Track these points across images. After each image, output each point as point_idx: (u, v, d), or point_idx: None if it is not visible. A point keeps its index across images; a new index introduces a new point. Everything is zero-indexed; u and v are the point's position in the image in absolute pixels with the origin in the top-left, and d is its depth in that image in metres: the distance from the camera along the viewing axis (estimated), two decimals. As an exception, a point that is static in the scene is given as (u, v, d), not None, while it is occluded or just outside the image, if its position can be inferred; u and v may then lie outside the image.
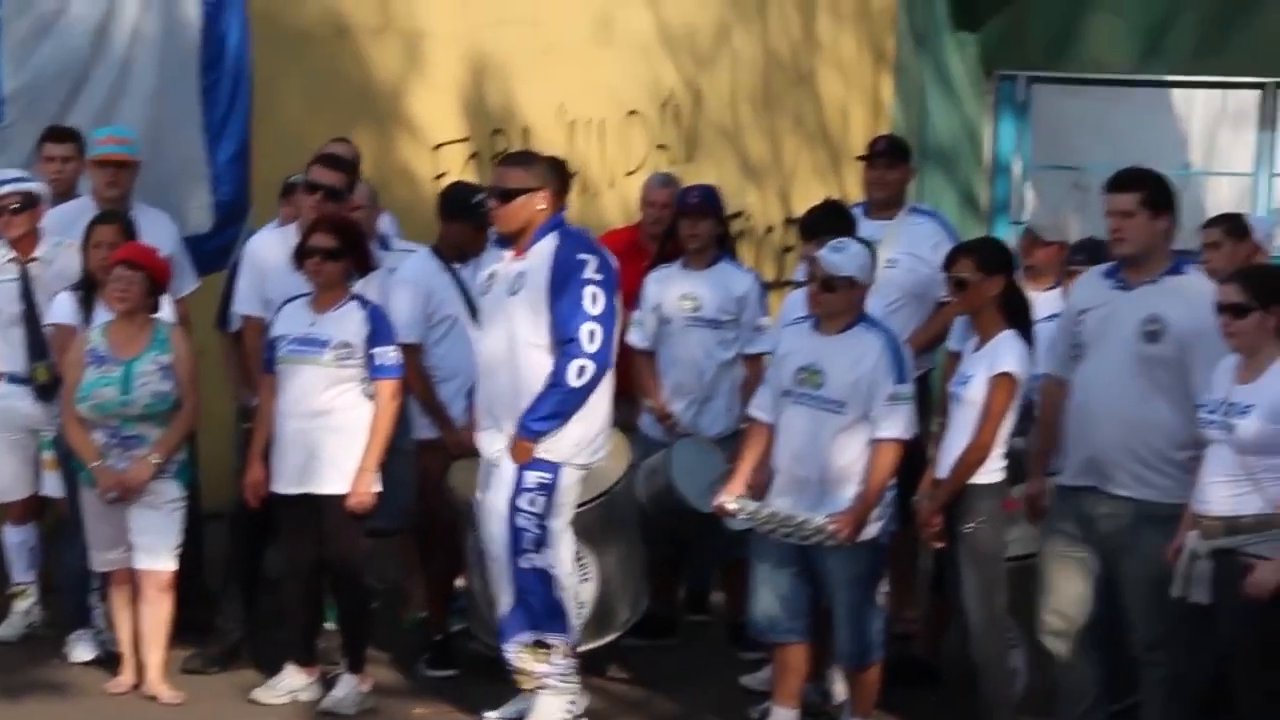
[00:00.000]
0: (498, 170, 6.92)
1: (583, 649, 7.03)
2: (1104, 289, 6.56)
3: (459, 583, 7.72)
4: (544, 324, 6.72)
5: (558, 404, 6.69)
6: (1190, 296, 6.42)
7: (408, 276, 7.76)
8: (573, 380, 6.67)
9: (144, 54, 9.04)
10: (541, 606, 6.79)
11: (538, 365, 6.73)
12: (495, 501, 6.79)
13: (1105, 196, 6.53)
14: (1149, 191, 6.45)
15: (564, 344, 6.67)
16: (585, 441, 6.81)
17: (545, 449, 6.73)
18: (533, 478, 6.75)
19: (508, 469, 6.77)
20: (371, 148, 8.91)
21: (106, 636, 7.56)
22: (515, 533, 6.76)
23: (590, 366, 6.68)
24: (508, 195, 6.76)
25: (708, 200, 8.12)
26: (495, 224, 6.85)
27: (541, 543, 6.77)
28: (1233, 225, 7.61)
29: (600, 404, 6.82)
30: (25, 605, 8.03)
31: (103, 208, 7.92)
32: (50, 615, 7.98)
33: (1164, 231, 6.49)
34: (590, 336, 6.68)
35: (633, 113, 10.99)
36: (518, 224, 6.78)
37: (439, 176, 10.12)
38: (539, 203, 6.77)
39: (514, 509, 6.75)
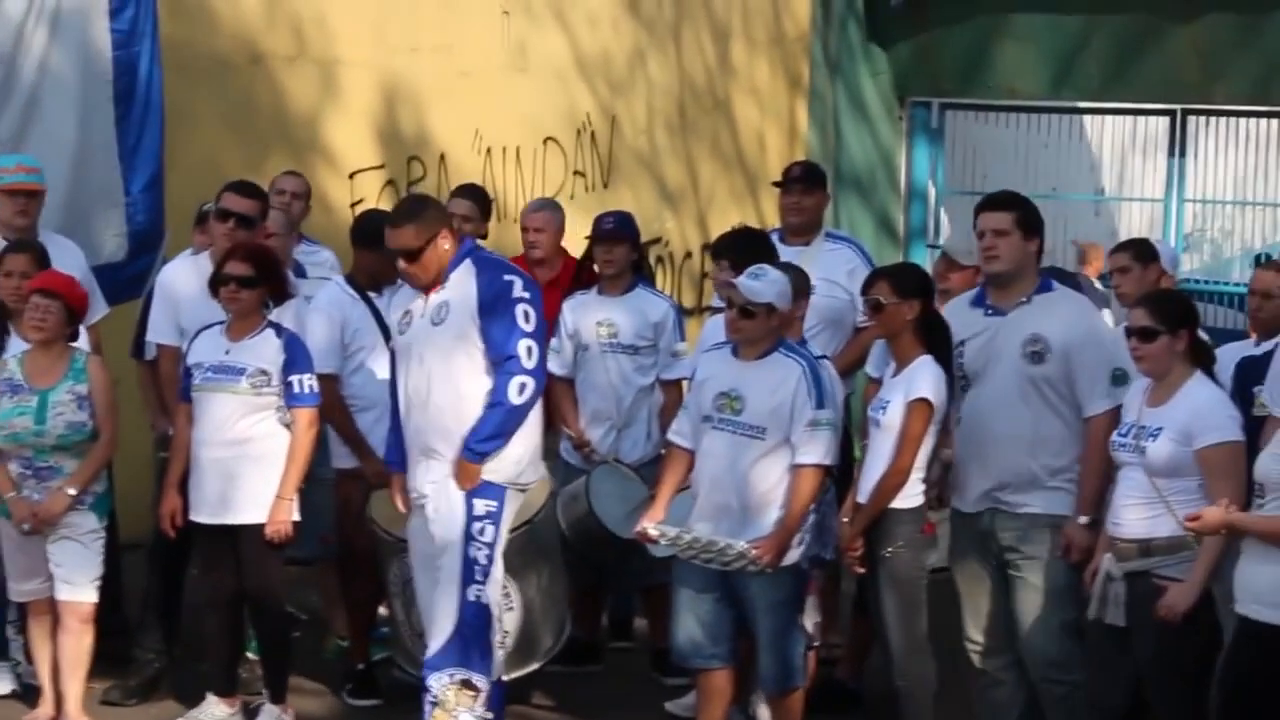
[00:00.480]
0: (390, 234, 6.81)
1: (507, 677, 7.01)
2: (976, 317, 6.69)
3: (381, 611, 7.69)
4: (475, 349, 6.72)
5: (501, 423, 6.68)
6: (1064, 312, 6.61)
7: (322, 306, 7.73)
8: (514, 398, 6.67)
9: (54, 83, 8.99)
10: (477, 642, 6.75)
11: (473, 390, 6.72)
12: (446, 533, 6.75)
13: (979, 217, 6.67)
14: (1022, 213, 6.63)
15: (503, 362, 6.68)
16: (525, 460, 6.83)
17: (489, 470, 6.72)
18: (481, 505, 6.74)
19: (456, 499, 6.74)
20: (288, 176, 8.89)
21: (25, 669, 7.49)
22: (468, 564, 6.74)
23: (530, 383, 6.70)
24: (413, 255, 6.75)
25: (622, 226, 8.15)
26: (412, 283, 6.83)
27: (488, 573, 6.76)
28: (1140, 250, 7.72)
29: (536, 420, 6.86)
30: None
31: (11, 237, 7.86)
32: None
33: (1034, 254, 6.65)
34: (528, 353, 6.70)
35: (549, 139, 11.01)
36: (432, 274, 6.79)
37: (355, 204, 10.11)
38: (444, 244, 6.77)
39: (468, 538, 6.74)
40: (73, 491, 7.09)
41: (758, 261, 6.98)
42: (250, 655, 7.42)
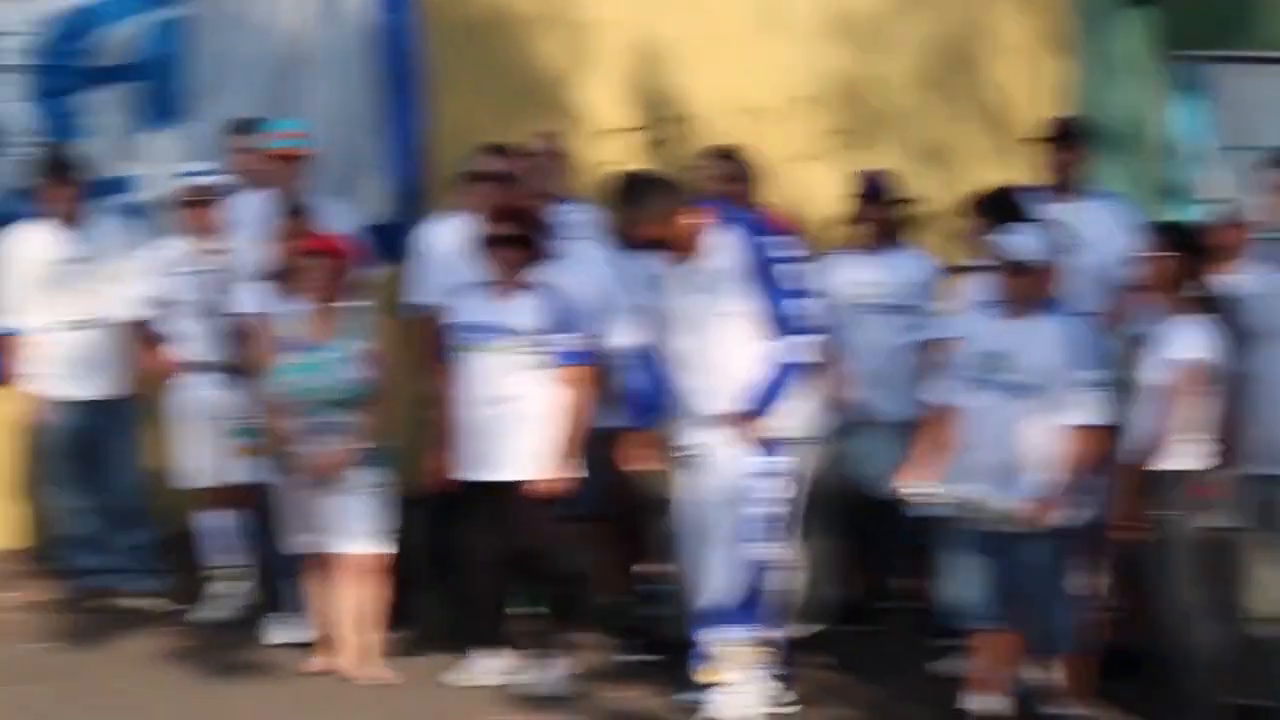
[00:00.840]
0: (640, 230, 6.90)
1: (781, 636, 7.06)
2: (1266, 275, 6.52)
3: (656, 568, 7.77)
4: (742, 312, 6.81)
5: (778, 383, 6.79)
6: None
7: (581, 265, 7.81)
8: (789, 357, 6.80)
9: (319, 50, 9.25)
10: (755, 600, 6.86)
11: (743, 352, 6.80)
12: (723, 491, 6.84)
13: (1271, 172, 6.48)
14: None
15: (777, 324, 6.78)
16: (803, 416, 6.94)
17: (768, 428, 6.81)
18: (760, 463, 6.83)
19: (733, 457, 6.83)
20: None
21: (306, 619, 7.67)
22: (747, 521, 6.82)
23: (807, 341, 6.83)
24: (662, 242, 6.85)
25: (880, 185, 8.15)
26: (685, 259, 6.89)
27: (767, 530, 6.84)
28: None
29: (812, 377, 6.95)
30: (226, 589, 8.23)
31: (284, 199, 8.08)
32: (251, 598, 8.16)
33: None
34: (799, 311, 6.81)
35: (801, 98, 10.97)
36: (688, 247, 6.87)
37: (608, 165, 10.16)
38: (688, 219, 6.85)
39: (743, 497, 6.82)
40: (351, 446, 7.28)
41: (1014, 220, 6.95)
42: (527, 609, 7.54)
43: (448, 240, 8.01)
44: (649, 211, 6.85)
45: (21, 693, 7.35)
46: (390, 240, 8.91)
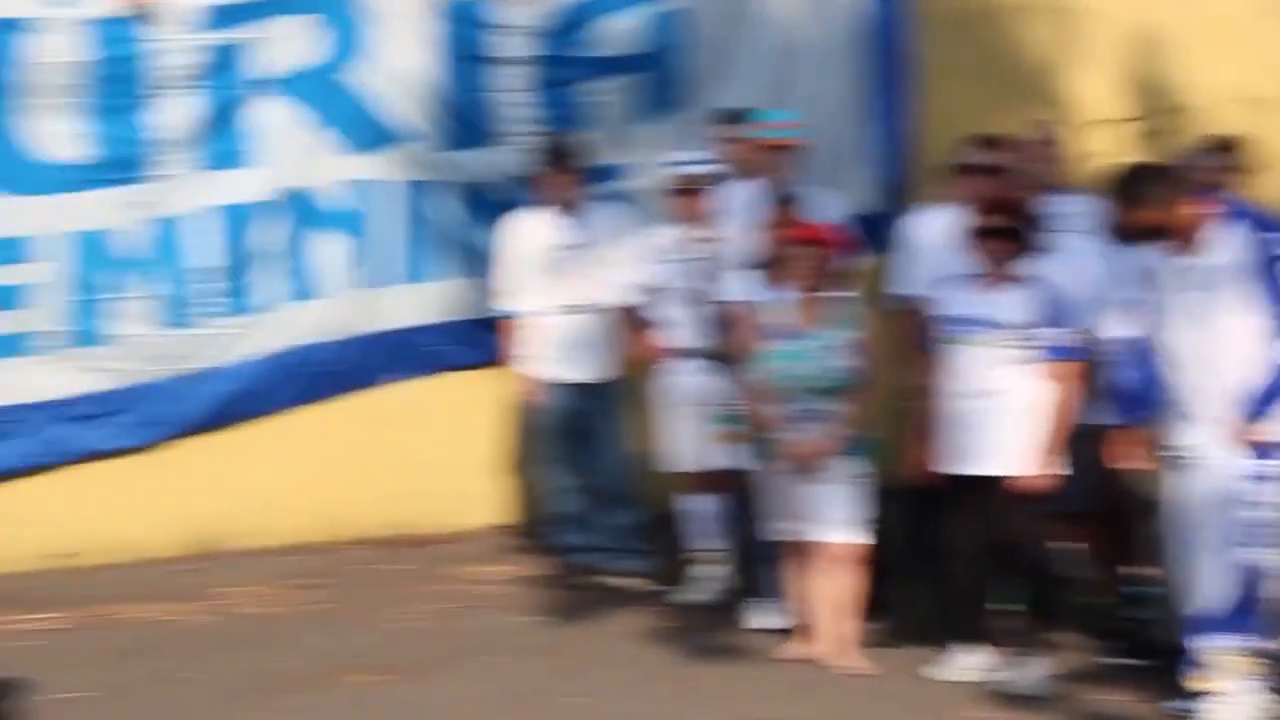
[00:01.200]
0: (1139, 219, 6.70)
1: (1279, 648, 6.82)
2: None
3: (1143, 570, 7.56)
4: (1246, 311, 6.59)
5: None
6: None
7: (1074, 258, 7.65)
8: None
9: (810, 40, 9.31)
10: (1252, 608, 6.63)
11: (1245, 352, 6.59)
12: (1217, 493, 6.63)
13: None
14: None
15: (1277, 323, 6.55)
16: None
17: (1270, 432, 6.57)
18: (1258, 466, 6.60)
19: (1227, 459, 6.62)
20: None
21: (784, 605, 7.72)
22: (1238, 525, 6.60)
23: None
24: (1164, 234, 6.66)
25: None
26: (1184, 251, 6.70)
27: (1263, 537, 6.60)
28: None
29: None
30: (709, 572, 8.36)
31: (773, 189, 8.16)
32: (730, 582, 8.27)
33: None
34: None
35: (1310, 88, 10.54)
36: (1187, 240, 6.66)
37: (1100, 156, 9.94)
38: (1187, 210, 6.63)
39: (1237, 500, 6.60)
40: (835, 435, 7.30)
41: None
42: (1014, 606, 7.42)
43: (934, 231, 7.96)
44: (1150, 200, 6.66)
45: (516, 665, 7.61)
46: (876, 230, 8.90)
